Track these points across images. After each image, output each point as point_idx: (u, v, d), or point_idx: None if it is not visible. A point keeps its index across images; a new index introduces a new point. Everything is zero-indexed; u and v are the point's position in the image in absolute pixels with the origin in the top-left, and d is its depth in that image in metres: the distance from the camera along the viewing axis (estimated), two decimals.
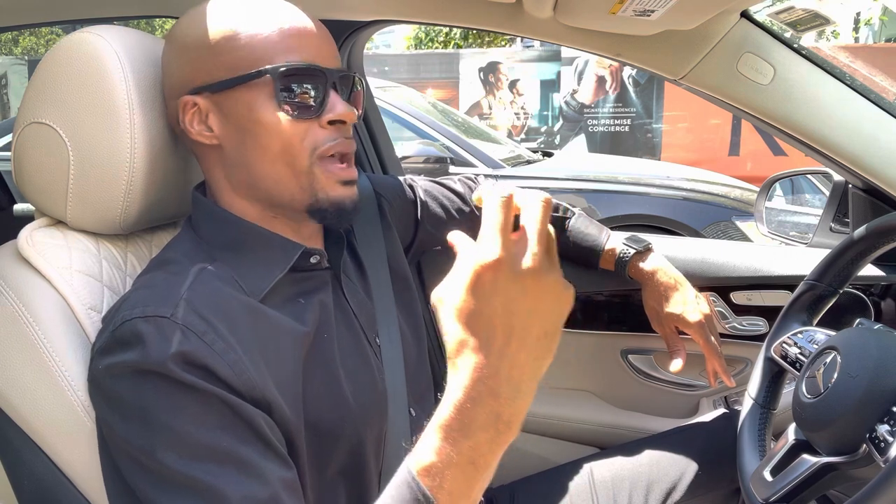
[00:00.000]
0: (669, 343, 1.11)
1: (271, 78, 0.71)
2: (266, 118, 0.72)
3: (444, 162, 3.66)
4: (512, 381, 0.52)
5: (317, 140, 0.73)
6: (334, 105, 0.74)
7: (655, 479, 1.03)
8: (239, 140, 0.73)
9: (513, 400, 0.52)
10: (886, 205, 1.15)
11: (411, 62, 8.63)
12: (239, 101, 0.72)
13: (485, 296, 0.51)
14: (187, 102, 0.73)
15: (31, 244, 0.75)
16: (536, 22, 1.08)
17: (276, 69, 0.70)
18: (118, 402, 0.63)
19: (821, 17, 1.02)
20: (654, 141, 7.64)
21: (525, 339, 0.51)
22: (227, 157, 0.75)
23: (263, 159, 0.73)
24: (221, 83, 0.72)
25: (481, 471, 0.53)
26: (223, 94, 0.72)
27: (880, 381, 0.73)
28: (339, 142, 0.75)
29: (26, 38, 12.58)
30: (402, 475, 0.55)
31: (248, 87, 0.71)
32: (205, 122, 0.74)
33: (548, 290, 0.52)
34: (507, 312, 0.51)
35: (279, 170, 0.73)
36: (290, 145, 0.72)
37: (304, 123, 0.72)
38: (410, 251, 1.10)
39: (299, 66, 0.71)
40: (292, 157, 0.73)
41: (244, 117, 0.72)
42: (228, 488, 0.59)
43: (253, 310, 0.70)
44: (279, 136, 0.72)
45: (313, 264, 0.78)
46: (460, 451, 0.52)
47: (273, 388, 0.66)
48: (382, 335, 0.85)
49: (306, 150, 0.73)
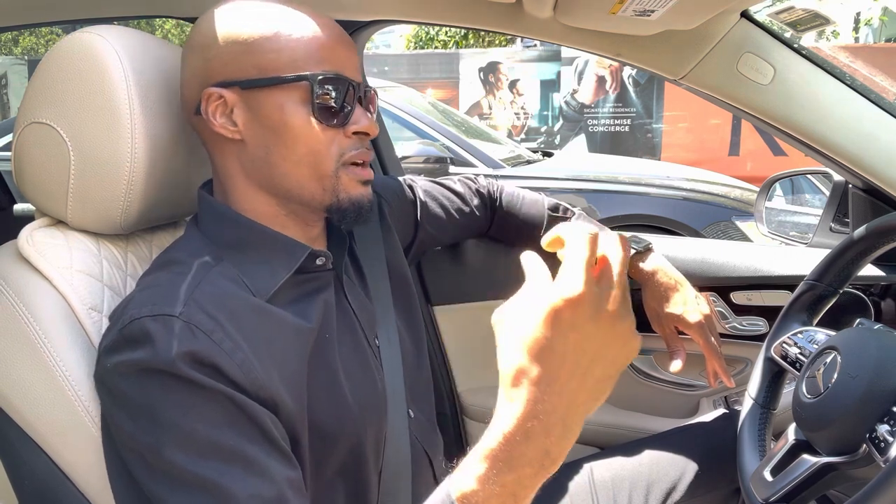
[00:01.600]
0: (669, 343, 1.11)
1: (309, 84, 0.72)
2: (296, 122, 0.73)
3: (444, 162, 3.66)
4: (566, 421, 0.51)
5: (342, 148, 0.75)
6: (359, 118, 0.76)
7: (655, 479, 1.03)
8: (264, 138, 0.74)
9: (562, 438, 0.51)
10: (886, 205, 1.15)
11: (411, 62, 8.63)
12: (269, 100, 0.73)
13: (561, 331, 0.49)
14: (212, 94, 0.73)
15: (31, 244, 0.75)
16: (536, 22, 1.08)
17: (315, 76, 0.72)
18: (126, 400, 0.63)
19: (821, 17, 1.02)
20: (654, 141, 7.64)
21: (587, 379, 0.50)
22: (249, 152, 0.75)
23: (288, 160, 0.74)
24: (254, 81, 0.72)
25: (520, 502, 0.52)
26: (253, 92, 0.73)
27: (880, 381, 0.73)
28: (361, 151, 0.77)
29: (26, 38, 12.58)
30: (440, 498, 0.53)
31: (282, 88, 0.72)
32: (228, 115, 0.74)
33: (619, 334, 0.51)
34: (579, 351, 0.50)
35: (302, 171, 0.74)
36: (317, 151, 0.74)
37: (331, 131, 0.74)
38: (410, 252, 1.10)
39: (335, 77, 0.73)
40: (318, 161, 0.74)
41: (273, 118, 0.73)
42: (235, 486, 0.59)
43: (260, 309, 0.70)
44: (307, 140, 0.73)
45: (318, 266, 0.79)
46: (504, 482, 0.50)
47: (279, 388, 0.67)
48: (381, 336, 0.85)
49: (332, 156, 0.75)
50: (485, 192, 1.21)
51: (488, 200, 1.20)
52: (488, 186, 1.22)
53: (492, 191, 1.21)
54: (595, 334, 0.50)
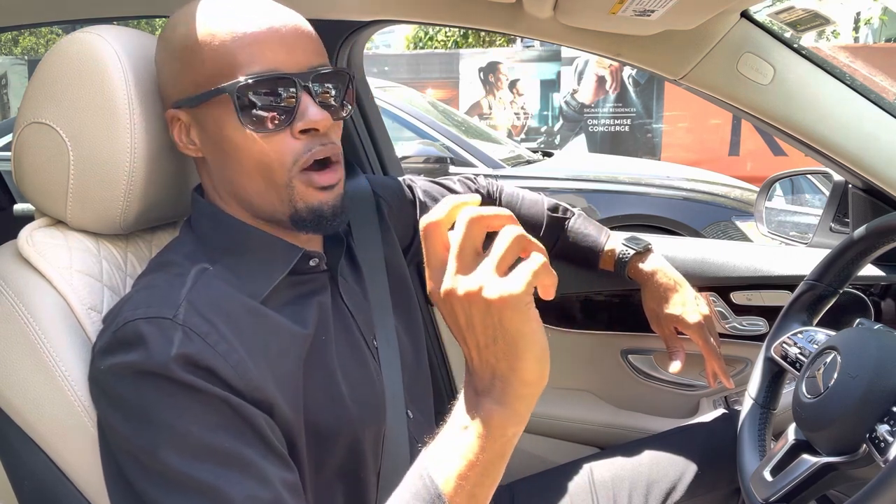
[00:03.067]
0: (669, 344, 1.11)
1: (228, 96, 0.68)
2: (233, 136, 0.70)
3: (444, 162, 3.66)
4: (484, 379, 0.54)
5: (295, 152, 0.70)
6: (305, 111, 0.69)
7: (655, 479, 1.03)
8: (217, 155, 0.73)
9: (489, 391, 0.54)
10: (886, 205, 1.15)
11: (411, 62, 8.63)
12: (209, 116, 0.71)
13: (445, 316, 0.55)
14: (172, 116, 0.74)
15: (31, 244, 0.75)
16: (536, 22, 1.08)
17: (234, 86, 0.67)
18: (120, 403, 0.63)
19: (821, 17, 1.02)
20: (654, 141, 7.63)
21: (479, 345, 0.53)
22: (211, 169, 0.75)
23: (241, 174, 0.72)
24: (191, 99, 0.71)
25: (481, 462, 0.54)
26: (197, 110, 0.72)
27: (880, 381, 0.73)
28: (315, 151, 0.71)
29: (26, 38, 12.57)
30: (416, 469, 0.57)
31: (214, 103, 0.70)
32: (188, 135, 0.74)
33: (467, 303, 0.52)
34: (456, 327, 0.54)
35: (258, 183, 0.72)
36: (264, 161, 0.70)
37: (275, 136, 0.69)
38: (410, 252, 1.09)
39: (259, 78, 0.67)
40: (269, 171, 0.70)
41: (216, 134, 0.71)
42: (232, 489, 0.59)
43: (254, 311, 0.70)
44: (249, 153, 0.70)
45: (312, 267, 0.78)
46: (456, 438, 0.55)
47: (275, 390, 0.66)
48: (380, 337, 0.85)
49: (285, 164, 0.70)
50: (484, 192, 1.21)
51: (488, 201, 1.20)
52: (488, 186, 1.21)
53: (491, 191, 1.21)
54: (451, 304, 0.53)
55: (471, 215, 0.52)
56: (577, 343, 1.35)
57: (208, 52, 0.69)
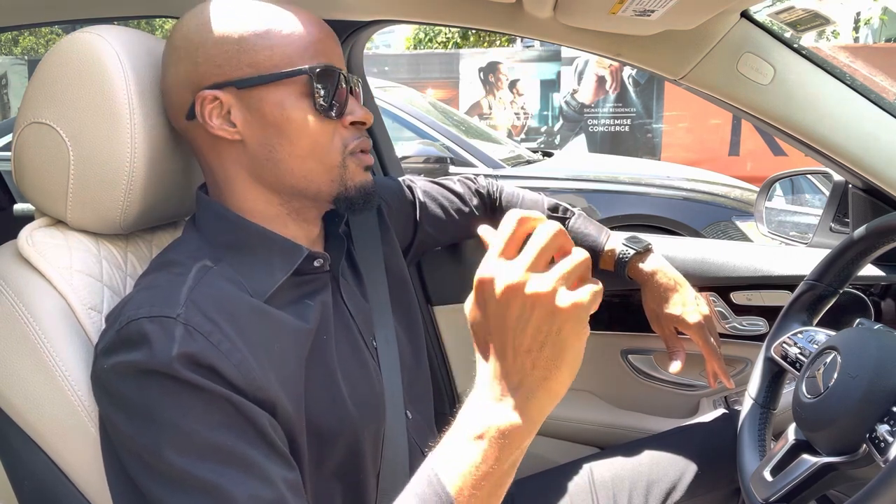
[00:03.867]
0: (669, 344, 1.11)
1: (308, 78, 0.73)
2: (298, 116, 0.74)
3: (444, 162, 3.66)
4: (511, 383, 0.54)
5: (344, 138, 0.77)
6: (354, 108, 0.78)
7: (655, 479, 1.03)
8: (265, 136, 0.74)
9: (512, 400, 0.54)
10: (886, 205, 1.15)
11: (411, 62, 8.63)
12: (268, 98, 0.73)
13: (478, 308, 0.55)
14: (206, 97, 0.73)
15: (31, 244, 0.75)
16: (536, 22, 1.08)
17: (314, 69, 0.73)
18: (123, 402, 0.63)
19: (821, 17, 1.02)
20: (654, 141, 7.64)
21: (519, 348, 0.53)
22: (250, 152, 0.75)
23: (293, 155, 0.75)
24: (250, 79, 0.72)
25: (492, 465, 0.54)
26: (250, 91, 0.73)
27: (880, 381, 0.73)
28: (361, 140, 0.79)
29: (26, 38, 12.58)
30: (424, 472, 0.57)
31: (280, 85, 0.73)
32: (226, 117, 0.74)
33: (531, 302, 0.52)
34: (498, 323, 0.54)
35: (309, 165, 0.75)
36: (322, 143, 0.75)
37: (331, 123, 0.76)
38: (410, 252, 1.10)
39: (329, 69, 0.74)
40: (324, 153, 0.76)
41: (275, 115, 0.73)
42: (234, 488, 0.59)
43: (257, 310, 0.70)
44: (311, 134, 0.74)
45: (316, 267, 0.79)
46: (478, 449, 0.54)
47: (277, 389, 0.66)
48: (379, 337, 0.85)
49: (337, 147, 0.76)
50: (484, 192, 1.21)
51: (488, 201, 1.20)
52: (488, 187, 1.22)
53: (491, 191, 1.21)
54: (501, 308, 0.53)
55: (559, 229, 0.55)
56: None
57: (278, 38, 0.73)
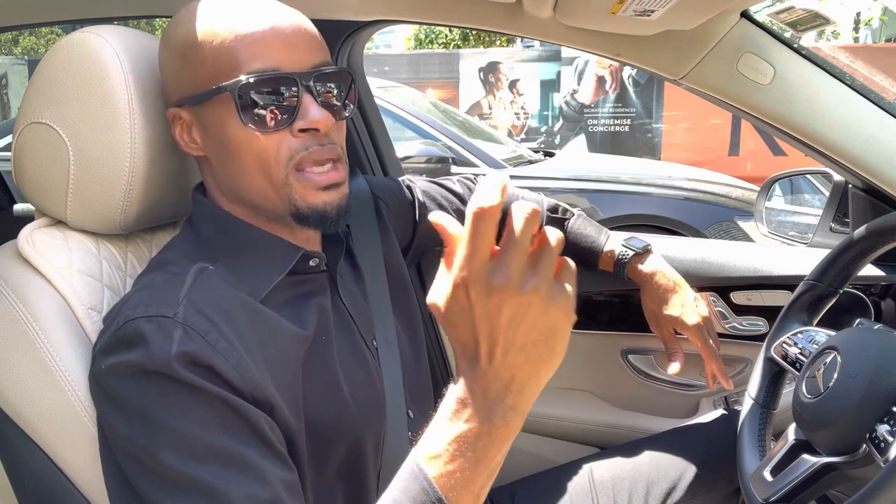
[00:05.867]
0: (667, 345, 1.10)
1: (229, 95, 0.68)
2: (235, 134, 0.70)
3: (447, 162, 3.66)
4: (507, 382, 0.52)
5: (291, 150, 0.70)
6: (307, 111, 0.70)
7: (655, 479, 1.03)
8: (219, 153, 0.73)
9: (505, 396, 0.52)
10: (886, 205, 1.15)
11: (411, 62, 8.63)
12: (211, 115, 0.71)
13: (461, 309, 0.51)
14: (174, 115, 0.74)
15: (31, 244, 0.75)
16: (536, 22, 1.08)
17: (235, 84, 0.67)
18: (120, 402, 0.63)
19: (821, 17, 1.02)
20: (654, 141, 7.63)
21: (511, 347, 0.51)
22: (213, 168, 0.76)
23: (242, 172, 0.72)
24: (193, 98, 0.71)
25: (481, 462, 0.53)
26: (199, 108, 0.72)
27: (880, 381, 0.73)
28: (313, 150, 0.71)
29: (26, 38, 12.58)
30: (408, 465, 0.55)
31: (215, 102, 0.70)
32: (190, 133, 0.74)
33: (526, 302, 0.50)
34: (488, 325, 0.50)
35: (259, 182, 0.72)
36: (263, 159, 0.70)
37: (275, 135, 0.70)
38: (409, 252, 1.10)
39: (261, 77, 0.68)
40: (267, 169, 0.71)
41: (218, 132, 0.71)
42: (231, 489, 0.59)
43: (254, 310, 0.70)
44: (250, 150, 0.70)
45: (312, 267, 0.78)
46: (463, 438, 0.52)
47: (274, 389, 0.66)
48: (379, 337, 0.85)
49: (280, 162, 0.70)
50: None
51: None
52: None
53: None
54: (495, 307, 0.50)
55: (531, 213, 0.49)
56: (577, 343, 1.35)
57: (209, 51, 0.69)
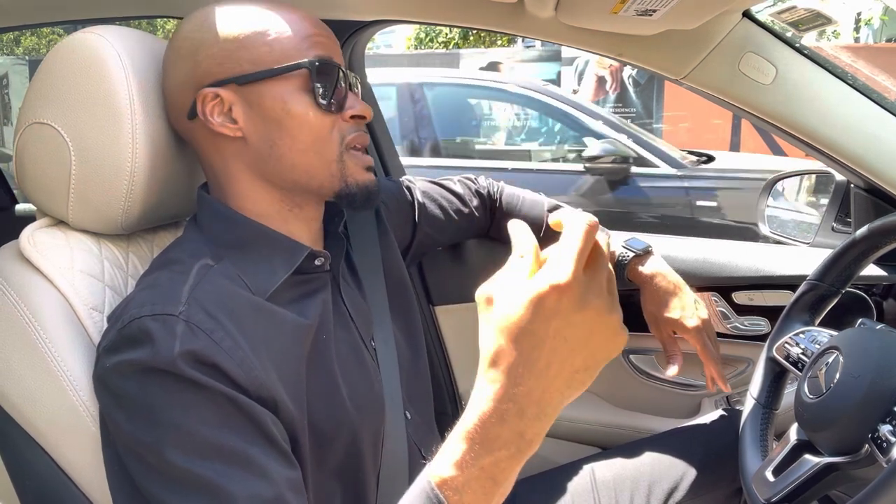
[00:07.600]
0: (667, 348, 1.10)
1: (307, 71, 0.74)
2: (298, 110, 0.74)
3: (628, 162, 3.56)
4: (542, 405, 0.50)
5: (342, 131, 0.77)
6: (353, 102, 0.79)
7: (657, 479, 1.03)
8: (266, 131, 0.74)
9: (536, 421, 0.51)
10: (888, 204, 1.15)
11: (412, 62, 8.64)
12: (268, 93, 0.74)
13: (544, 317, 0.49)
14: (207, 94, 0.73)
15: (32, 244, 0.75)
16: (538, 22, 1.08)
17: (313, 63, 0.74)
18: (125, 401, 0.63)
19: (822, 16, 1.02)
20: None
21: (565, 368, 0.50)
22: (252, 148, 0.75)
23: (294, 149, 0.75)
24: (251, 75, 0.73)
25: (500, 486, 0.52)
26: (250, 87, 0.73)
27: (882, 382, 0.73)
28: (359, 134, 0.79)
29: (28, 39, 12.58)
30: (420, 485, 0.53)
31: (280, 80, 0.74)
32: (227, 114, 0.74)
33: (603, 326, 0.50)
34: (559, 338, 0.49)
35: (310, 159, 0.76)
36: (321, 137, 0.76)
37: (330, 116, 0.76)
38: (409, 253, 1.09)
39: (328, 63, 0.75)
40: (323, 146, 0.76)
41: (275, 109, 0.74)
42: (235, 487, 0.59)
43: (259, 308, 0.70)
44: (311, 127, 0.75)
45: (317, 266, 0.79)
46: (481, 465, 0.51)
47: (279, 387, 0.67)
48: (378, 338, 0.85)
49: (335, 140, 0.77)
50: (484, 192, 1.20)
51: (488, 201, 1.20)
52: (488, 187, 1.21)
53: (492, 191, 1.21)
54: (578, 324, 0.49)
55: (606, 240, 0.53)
56: None
57: (278, 35, 0.74)
